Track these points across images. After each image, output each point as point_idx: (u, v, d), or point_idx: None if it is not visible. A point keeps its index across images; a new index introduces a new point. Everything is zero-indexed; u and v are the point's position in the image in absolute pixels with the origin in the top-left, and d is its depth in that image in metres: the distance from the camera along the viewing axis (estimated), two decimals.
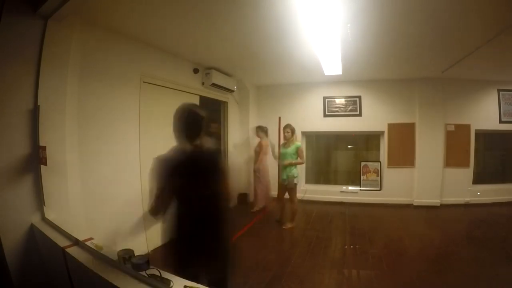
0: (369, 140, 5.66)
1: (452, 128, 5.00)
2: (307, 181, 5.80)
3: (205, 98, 4.31)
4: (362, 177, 5.46)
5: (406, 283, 2.48)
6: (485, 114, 5.02)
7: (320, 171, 5.93)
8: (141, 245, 2.99)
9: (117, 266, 1.29)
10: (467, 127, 5.01)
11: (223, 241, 1.59)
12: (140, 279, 1.18)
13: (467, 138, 5.00)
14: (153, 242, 3.15)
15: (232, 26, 2.69)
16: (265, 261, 2.93)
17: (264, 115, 5.80)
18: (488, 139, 5.25)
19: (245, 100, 5.50)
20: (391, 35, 2.91)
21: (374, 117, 5.30)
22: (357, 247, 3.25)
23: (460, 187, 4.95)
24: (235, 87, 4.89)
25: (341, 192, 5.45)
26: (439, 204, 4.94)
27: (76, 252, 1.49)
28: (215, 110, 5.37)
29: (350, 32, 2.67)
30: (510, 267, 2.71)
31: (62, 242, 1.60)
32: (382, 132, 5.33)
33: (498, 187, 5.05)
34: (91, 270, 1.29)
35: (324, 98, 5.51)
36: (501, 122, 5.02)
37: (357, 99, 5.38)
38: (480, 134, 5.10)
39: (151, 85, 3.19)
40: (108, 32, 2.64)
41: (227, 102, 5.03)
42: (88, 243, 1.52)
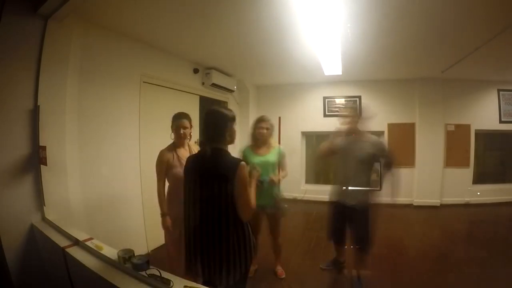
0: None
1: (452, 128, 5.00)
2: (307, 181, 5.81)
3: (205, 98, 4.31)
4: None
5: (406, 283, 2.48)
6: (485, 114, 5.02)
7: (320, 171, 5.93)
8: (141, 245, 3.00)
9: (117, 266, 1.29)
10: (467, 127, 5.01)
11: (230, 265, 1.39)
12: (140, 279, 1.18)
13: (467, 138, 5.01)
14: (153, 242, 3.16)
15: (232, 26, 2.68)
16: (265, 261, 2.93)
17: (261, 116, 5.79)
18: (488, 139, 5.25)
19: (245, 100, 5.50)
20: (391, 35, 2.91)
21: (374, 117, 5.28)
22: (357, 247, 3.24)
23: (460, 187, 4.96)
24: (235, 87, 4.89)
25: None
26: (439, 204, 4.95)
27: (76, 252, 1.49)
28: None
29: (350, 32, 2.67)
30: (510, 267, 2.71)
31: (62, 242, 1.60)
32: (382, 132, 5.32)
33: (498, 187, 5.05)
34: (91, 270, 1.29)
35: (324, 98, 5.52)
36: (501, 122, 5.02)
37: (357, 99, 5.38)
38: (480, 134, 5.10)
39: (151, 85, 3.19)
40: (108, 32, 2.64)
41: (227, 102, 5.03)
42: (88, 243, 1.52)
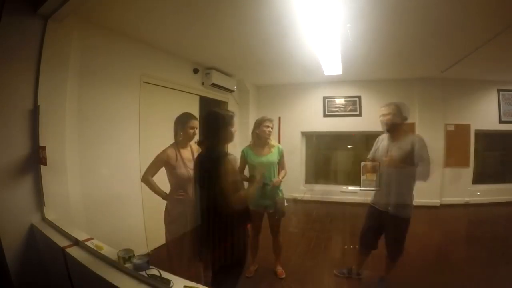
0: (369, 140, 5.64)
1: (452, 128, 5.00)
2: (307, 181, 5.80)
3: (205, 98, 4.31)
4: (362, 177, 5.44)
5: (406, 283, 2.48)
6: (485, 114, 5.01)
7: (320, 171, 5.93)
8: (141, 245, 3.00)
9: (117, 266, 1.29)
10: (467, 127, 5.00)
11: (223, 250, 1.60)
12: (140, 279, 1.18)
13: (467, 138, 5.00)
14: (153, 242, 3.15)
15: (232, 26, 2.68)
16: (265, 261, 2.92)
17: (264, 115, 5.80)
18: (488, 139, 5.25)
19: (245, 100, 5.50)
20: (391, 35, 2.91)
21: (374, 117, 5.26)
22: (357, 247, 3.24)
23: (460, 187, 4.95)
24: (235, 87, 4.89)
25: (341, 192, 5.44)
26: (439, 204, 4.94)
27: (76, 252, 1.49)
28: None
29: (350, 32, 2.67)
30: (510, 267, 2.71)
31: (62, 242, 1.60)
32: (382, 132, 5.31)
33: (498, 187, 5.04)
34: (91, 270, 1.29)
35: (324, 98, 5.51)
36: (501, 122, 5.01)
37: (357, 99, 5.37)
38: (480, 134, 5.09)
39: (151, 85, 3.19)
40: (108, 32, 2.64)
41: (227, 102, 5.03)
42: (88, 243, 1.52)
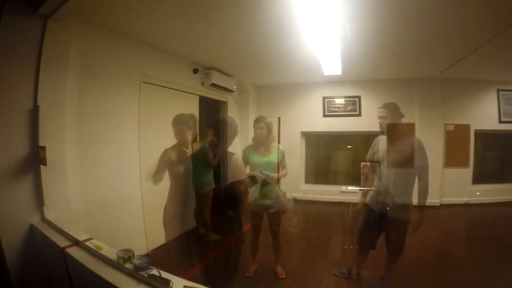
0: (369, 140, 5.64)
1: (452, 128, 5.00)
2: (307, 181, 5.80)
3: (205, 98, 4.31)
4: (362, 177, 5.45)
5: (406, 283, 2.48)
6: (485, 114, 5.01)
7: (320, 171, 5.93)
8: (141, 245, 3.00)
9: (117, 266, 1.29)
10: (467, 127, 5.01)
11: None
12: (140, 279, 1.18)
13: (467, 138, 5.01)
14: (153, 242, 3.15)
15: (232, 26, 2.68)
16: (265, 261, 2.92)
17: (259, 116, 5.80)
18: (488, 139, 5.25)
19: (245, 100, 5.50)
20: (391, 35, 2.91)
21: (374, 117, 5.27)
22: (357, 247, 3.24)
23: (460, 187, 4.95)
24: (235, 87, 4.89)
25: (341, 192, 5.43)
26: (439, 204, 4.94)
27: (76, 252, 1.48)
28: (215, 111, 5.38)
29: (350, 32, 2.67)
30: (510, 267, 2.71)
31: (62, 242, 1.59)
32: (382, 133, 5.32)
33: (498, 187, 5.04)
34: (91, 270, 1.29)
35: (324, 98, 5.51)
36: (501, 122, 5.01)
37: (357, 99, 5.37)
38: (480, 134, 5.09)
39: (151, 85, 3.19)
40: (108, 32, 2.64)
41: (227, 103, 5.03)
42: (88, 243, 1.52)
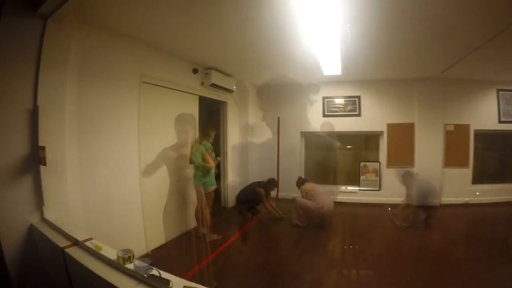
0: (368, 140, 5.66)
1: (452, 128, 5.01)
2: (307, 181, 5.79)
3: (205, 99, 4.30)
4: (362, 177, 5.47)
5: (406, 283, 2.48)
6: (485, 114, 5.02)
7: (319, 171, 5.92)
8: (141, 245, 2.99)
9: (117, 267, 1.29)
10: (467, 127, 5.01)
11: None
12: (140, 280, 1.18)
13: (467, 138, 5.01)
14: (153, 242, 3.15)
15: (232, 26, 2.68)
16: (265, 261, 2.93)
17: (264, 115, 5.81)
18: (488, 139, 5.25)
19: (245, 100, 5.49)
20: (391, 35, 2.91)
21: (374, 117, 5.30)
22: (357, 247, 3.25)
23: (459, 187, 4.96)
24: (235, 87, 4.88)
25: (341, 192, 5.44)
26: (438, 204, 4.94)
27: (76, 253, 1.48)
28: (214, 111, 5.38)
29: (350, 32, 2.67)
30: (510, 267, 2.71)
31: (62, 242, 1.59)
32: (382, 132, 5.33)
33: (497, 187, 5.04)
34: (91, 270, 1.29)
35: (324, 98, 5.51)
36: (500, 122, 5.02)
37: (356, 99, 5.37)
38: (480, 134, 5.10)
39: (151, 85, 3.18)
40: (108, 32, 2.63)
41: (227, 102, 5.02)
42: (88, 243, 1.51)
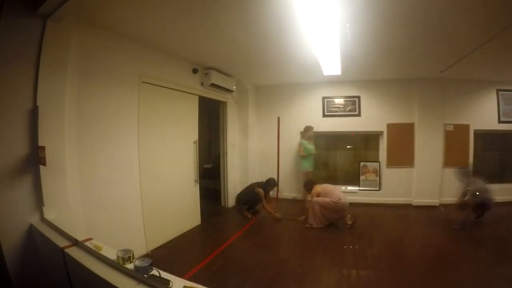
0: (368, 140, 5.67)
1: (451, 128, 5.01)
2: None
3: (204, 98, 4.31)
4: (361, 177, 5.47)
5: (406, 283, 2.48)
6: (484, 114, 5.03)
7: (319, 171, 5.92)
8: (141, 245, 2.99)
9: (117, 267, 1.29)
10: (466, 127, 5.02)
11: None
12: (140, 280, 1.18)
13: (466, 138, 5.02)
14: (153, 242, 3.16)
15: (232, 26, 2.68)
16: (265, 261, 2.93)
17: (263, 115, 5.82)
18: (487, 139, 5.26)
19: (244, 100, 5.50)
20: (390, 36, 2.91)
21: (373, 117, 5.31)
22: (357, 247, 3.25)
23: (459, 187, 4.96)
24: (234, 87, 4.89)
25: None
26: (438, 204, 4.95)
27: (75, 253, 1.48)
28: (214, 110, 5.38)
29: (350, 32, 2.67)
30: (510, 267, 2.72)
31: (62, 243, 1.59)
32: (381, 132, 5.33)
33: (497, 187, 5.02)
34: (91, 271, 1.29)
35: (323, 98, 5.52)
36: (500, 122, 5.03)
37: (356, 99, 5.38)
38: (479, 134, 5.11)
39: (150, 85, 3.19)
40: (107, 32, 2.63)
41: (226, 102, 5.03)
42: (88, 243, 1.51)
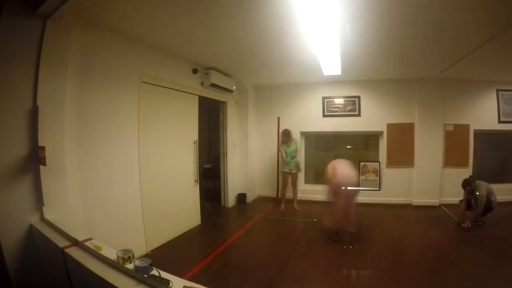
0: (368, 140, 5.67)
1: (451, 128, 5.01)
2: (306, 181, 5.81)
3: (204, 98, 4.31)
4: (361, 177, 5.47)
5: (406, 283, 2.48)
6: (484, 114, 5.03)
7: (319, 171, 5.92)
8: (141, 245, 2.99)
9: (117, 267, 1.29)
10: (466, 127, 5.02)
11: None
12: (140, 280, 1.18)
13: (466, 138, 5.02)
14: (153, 242, 3.16)
15: (232, 26, 2.68)
16: (265, 261, 2.93)
17: (263, 115, 5.82)
18: (487, 139, 5.26)
19: (244, 100, 5.51)
20: (390, 36, 2.91)
21: (373, 117, 5.31)
22: (357, 247, 3.25)
23: (459, 187, 4.94)
24: (234, 87, 4.89)
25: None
26: (438, 204, 4.96)
27: (75, 253, 1.48)
28: (214, 110, 5.38)
29: (350, 32, 2.67)
30: (510, 267, 2.72)
31: (61, 243, 1.59)
32: (381, 132, 5.33)
33: (497, 187, 5.02)
34: (90, 271, 1.29)
35: (323, 98, 5.52)
36: (500, 122, 5.03)
37: (356, 99, 5.38)
38: (479, 134, 5.11)
39: (150, 85, 3.19)
40: (107, 32, 2.63)
41: (226, 102, 5.03)
42: (87, 244, 1.51)
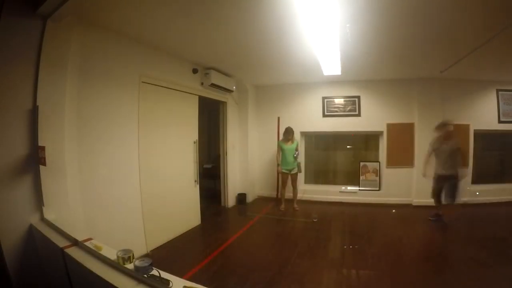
0: (368, 140, 5.67)
1: (451, 128, 5.01)
2: (306, 181, 5.81)
3: (204, 98, 4.31)
4: (361, 177, 5.47)
5: (406, 283, 2.48)
6: (484, 114, 5.03)
7: (319, 171, 5.93)
8: (141, 245, 2.99)
9: (117, 267, 1.29)
10: (466, 127, 5.02)
11: None
12: (140, 280, 1.18)
13: (466, 138, 5.01)
14: (153, 242, 3.16)
15: (232, 26, 2.68)
16: (265, 261, 2.93)
17: (263, 115, 5.83)
18: (487, 139, 5.26)
19: (244, 100, 5.51)
20: (390, 35, 2.91)
21: (373, 117, 5.31)
22: (356, 247, 3.25)
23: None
24: (234, 87, 4.89)
25: (340, 192, 5.45)
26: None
27: (75, 253, 1.48)
28: (214, 110, 5.38)
29: (350, 32, 2.67)
30: (510, 267, 2.72)
31: (61, 243, 1.59)
32: (381, 132, 5.33)
33: (497, 187, 5.05)
34: (90, 271, 1.29)
35: (323, 98, 5.52)
36: (500, 122, 5.03)
37: (356, 99, 5.38)
38: (479, 134, 5.11)
39: (150, 85, 3.19)
40: (107, 32, 2.63)
41: (226, 102, 5.03)
42: (87, 244, 1.51)
